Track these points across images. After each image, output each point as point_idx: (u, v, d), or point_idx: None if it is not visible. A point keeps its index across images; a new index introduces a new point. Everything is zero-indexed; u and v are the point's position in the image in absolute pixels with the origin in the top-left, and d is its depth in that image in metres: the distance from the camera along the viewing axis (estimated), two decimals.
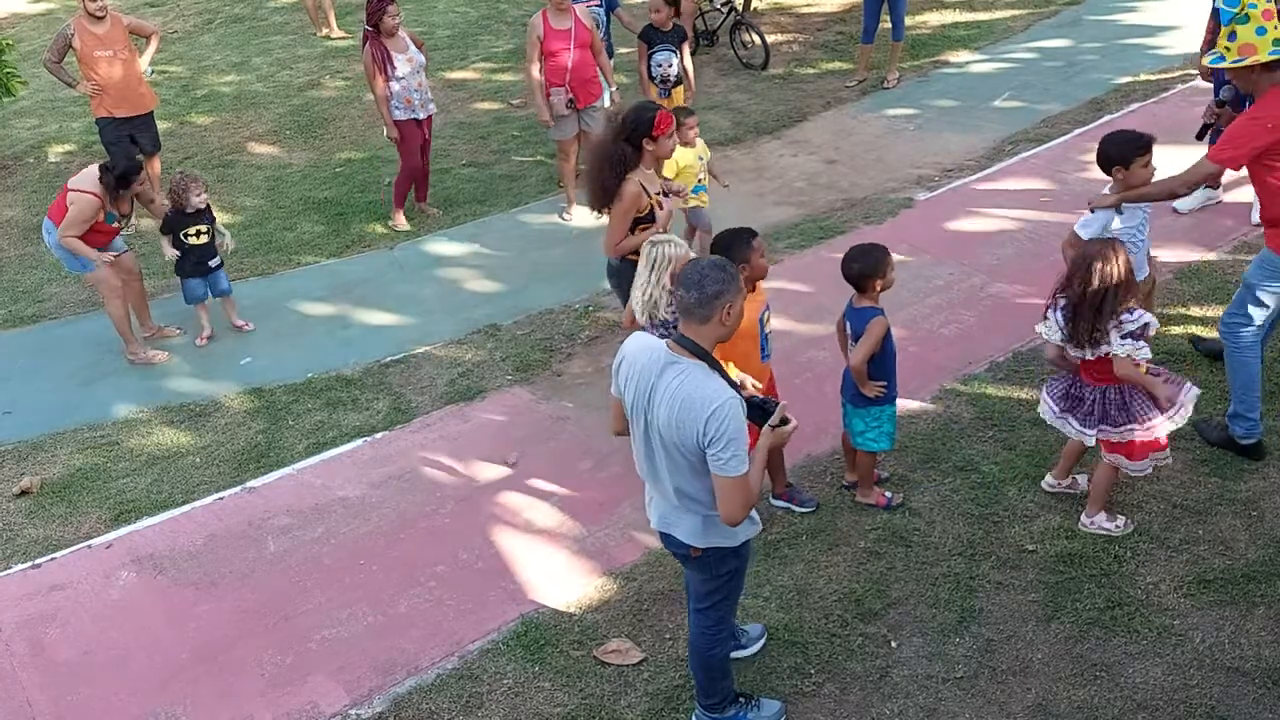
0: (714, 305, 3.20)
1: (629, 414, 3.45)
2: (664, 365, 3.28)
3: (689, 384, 3.21)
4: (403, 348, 6.64)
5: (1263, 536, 4.50)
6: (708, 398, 3.16)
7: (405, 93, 7.70)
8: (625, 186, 5.00)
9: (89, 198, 6.25)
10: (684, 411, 3.19)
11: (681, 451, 3.27)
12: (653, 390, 3.30)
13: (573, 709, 4.13)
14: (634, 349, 3.43)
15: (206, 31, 13.33)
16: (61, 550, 5.24)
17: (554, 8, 7.41)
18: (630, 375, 3.39)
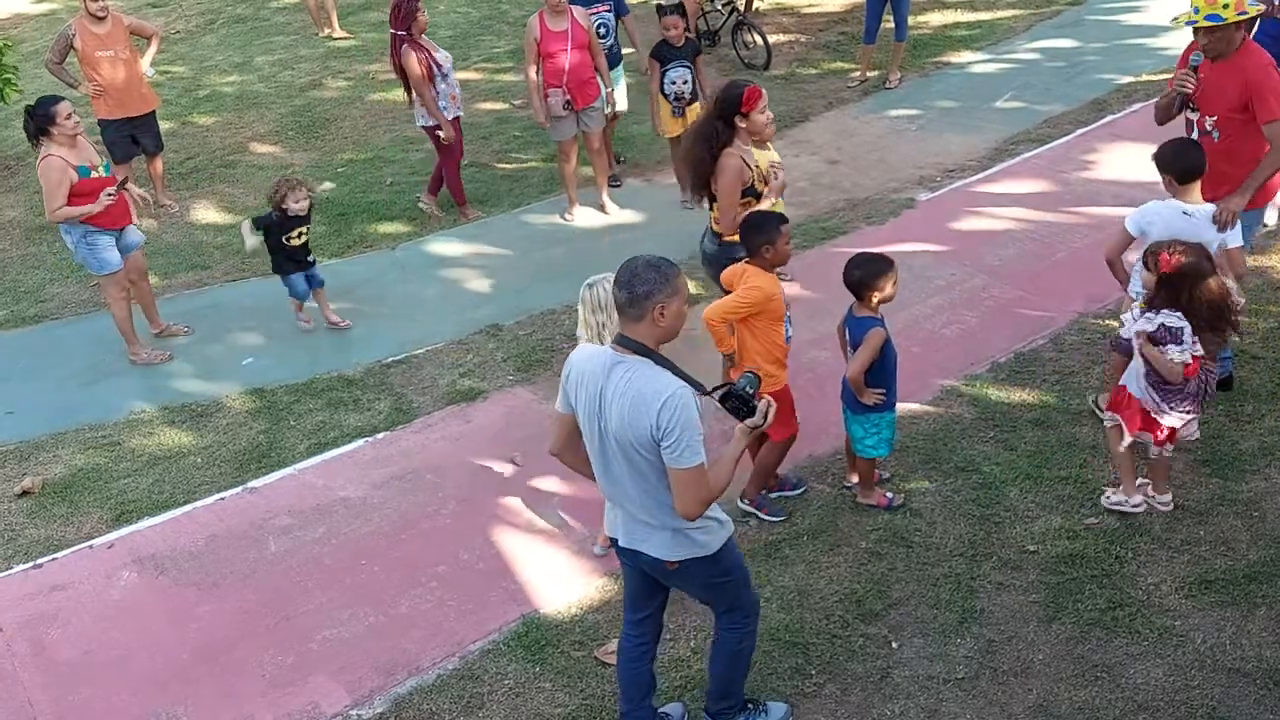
0: (644, 305, 3.16)
1: (584, 425, 3.36)
2: (610, 366, 3.23)
3: (637, 380, 3.17)
4: (404, 348, 6.64)
5: (1264, 537, 4.50)
6: (657, 390, 3.13)
7: (450, 90, 7.75)
8: (725, 161, 5.03)
9: (46, 162, 6.14)
10: (635, 407, 3.15)
11: (639, 450, 3.21)
12: (602, 393, 3.24)
13: (573, 709, 4.13)
14: (580, 358, 3.39)
15: (208, 32, 13.34)
16: (63, 550, 5.24)
17: (550, 9, 7.41)
18: (580, 383, 3.33)
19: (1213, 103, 4.84)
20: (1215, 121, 4.86)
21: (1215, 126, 4.87)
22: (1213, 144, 4.88)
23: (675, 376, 3.19)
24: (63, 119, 6.14)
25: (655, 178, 8.67)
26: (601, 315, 4.40)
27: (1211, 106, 4.85)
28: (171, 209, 8.72)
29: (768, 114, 5.16)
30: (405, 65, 7.60)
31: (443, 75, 7.67)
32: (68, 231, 6.39)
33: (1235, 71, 4.77)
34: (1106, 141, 8.27)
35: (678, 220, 7.92)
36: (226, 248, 8.13)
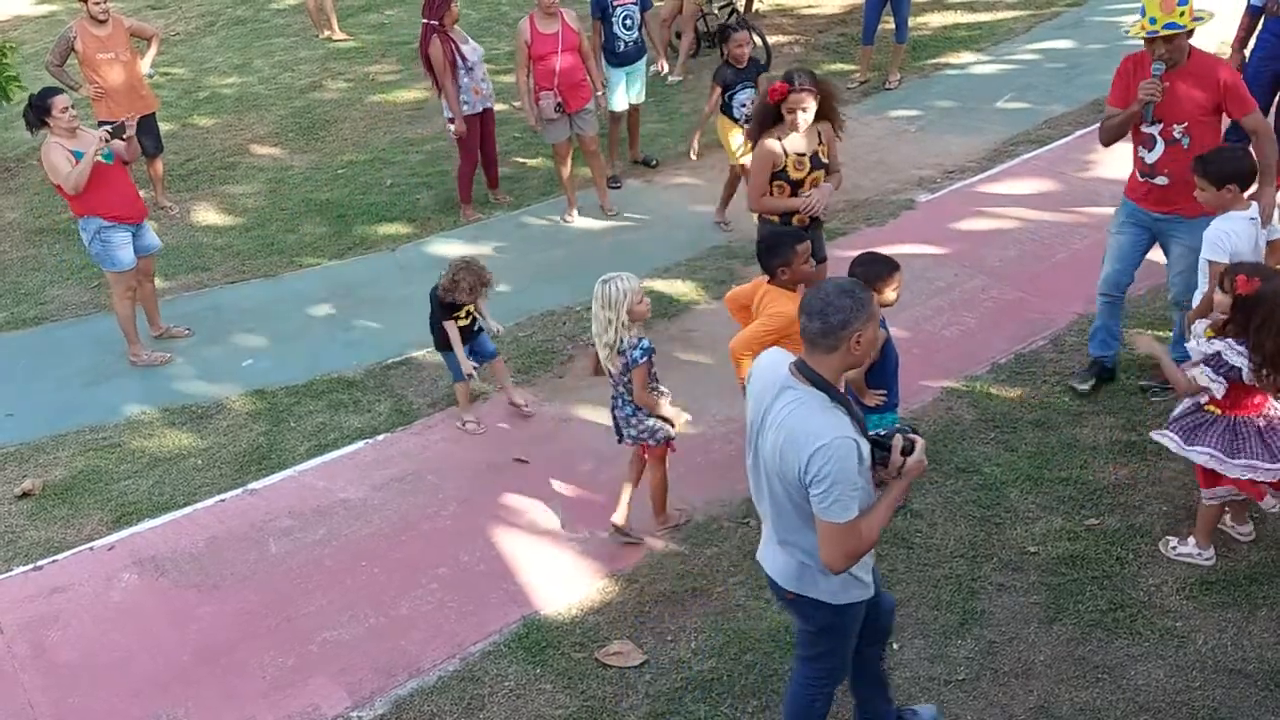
0: (840, 335, 2.94)
1: (747, 433, 3.22)
2: (780, 389, 3.04)
3: (799, 414, 2.97)
4: (404, 349, 6.63)
5: (1265, 538, 4.50)
6: (814, 432, 2.91)
7: (474, 83, 7.74)
8: (762, 142, 5.21)
9: (45, 147, 6.21)
10: (788, 443, 2.97)
11: (783, 483, 3.06)
12: (766, 414, 3.09)
13: (574, 711, 4.13)
14: (762, 366, 3.20)
15: (208, 33, 13.34)
16: (63, 552, 5.24)
17: (541, 12, 7.42)
18: (753, 393, 3.17)
19: (1180, 109, 4.80)
20: (1185, 128, 4.83)
21: (1185, 133, 4.84)
22: (1181, 151, 4.85)
23: (844, 420, 2.96)
24: (58, 111, 6.18)
25: (656, 178, 8.67)
26: (610, 312, 4.50)
27: (1179, 113, 4.81)
28: (171, 211, 8.72)
29: (799, 113, 5.13)
30: (430, 54, 7.63)
31: (467, 68, 7.67)
32: (84, 228, 6.40)
33: (1201, 76, 4.78)
34: None
35: (678, 221, 7.93)
36: (227, 249, 8.13)
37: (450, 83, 7.63)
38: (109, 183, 6.31)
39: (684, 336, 6.50)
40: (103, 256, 6.42)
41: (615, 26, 8.07)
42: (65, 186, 6.26)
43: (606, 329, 4.55)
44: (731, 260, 7.26)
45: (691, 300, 6.82)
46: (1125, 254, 5.28)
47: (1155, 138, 4.92)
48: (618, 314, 4.49)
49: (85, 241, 6.46)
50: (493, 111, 8.09)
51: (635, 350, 4.55)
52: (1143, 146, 5.02)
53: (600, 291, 4.53)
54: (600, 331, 4.58)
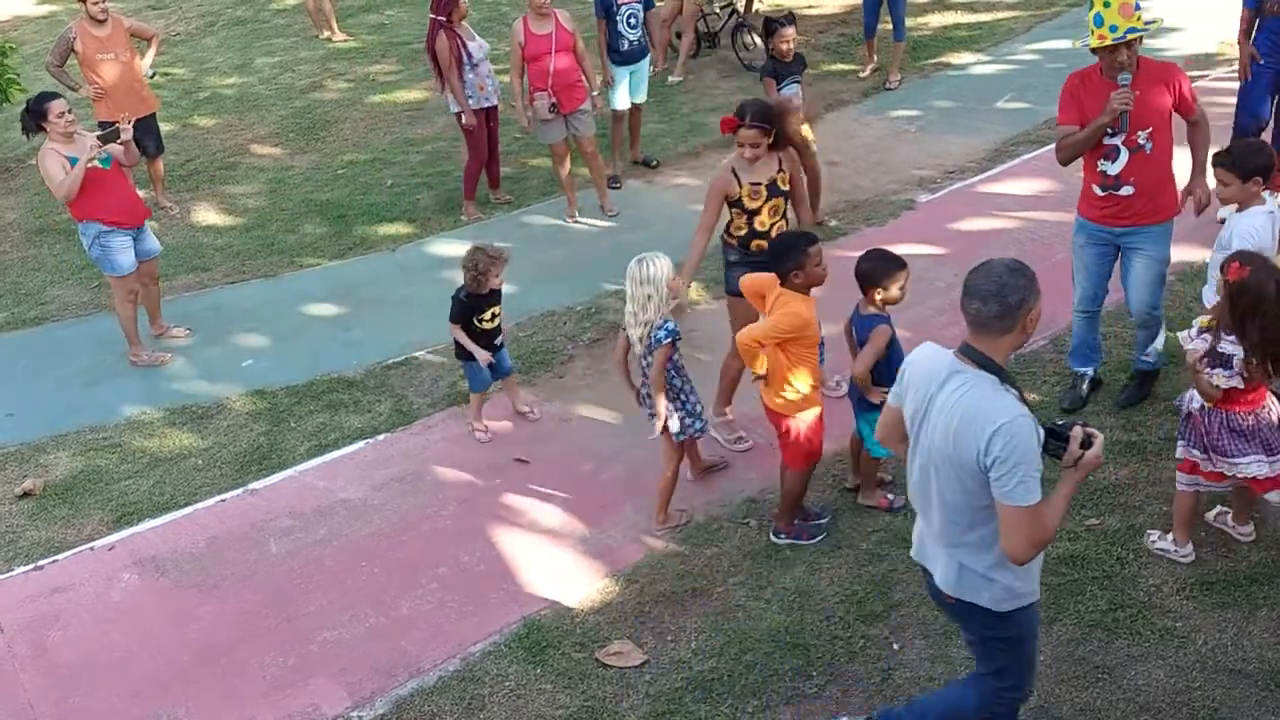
0: (1018, 315, 2.87)
1: (908, 427, 3.16)
2: (947, 375, 2.97)
3: (973, 395, 2.89)
4: (405, 350, 6.64)
5: (1265, 538, 4.50)
6: (993, 413, 2.84)
7: (479, 79, 7.77)
8: (717, 174, 5.20)
9: (41, 153, 6.23)
10: (964, 423, 2.88)
11: (957, 471, 2.94)
12: (930, 402, 3.00)
13: (574, 710, 4.13)
14: (919, 357, 3.13)
15: (209, 34, 13.34)
16: (64, 552, 5.24)
17: (534, 13, 7.43)
18: (912, 384, 3.11)
19: (1145, 115, 4.78)
20: (1150, 133, 4.82)
21: (1149, 139, 4.82)
22: (1146, 158, 4.84)
23: (1018, 402, 2.89)
24: (54, 116, 6.18)
25: (656, 179, 8.67)
26: (649, 288, 4.63)
27: (1144, 119, 4.79)
28: (171, 211, 8.72)
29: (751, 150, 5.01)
30: (436, 49, 7.66)
31: (472, 65, 7.70)
32: (84, 233, 6.40)
33: (1156, 80, 4.79)
34: None
35: (678, 221, 7.92)
36: (227, 249, 8.13)
37: (456, 78, 7.65)
38: (108, 188, 6.31)
39: (684, 336, 6.46)
40: (103, 261, 6.43)
41: (620, 25, 8.08)
42: (56, 195, 6.27)
43: (646, 306, 4.66)
44: None
45: (691, 300, 6.82)
46: (1093, 272, 5.28)
47: (1119, 148, 4.86)
48: (658, 289, 4.62)
49: (85, 246, 6.47)
50: (497, 110, 8.10)
51: (660, 330, 4.65)
52: (1104, 160, 4.92)
53: (637, 270, 4.64)
54: (638, 310, 4.68)
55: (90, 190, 6.20)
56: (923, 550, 3.29)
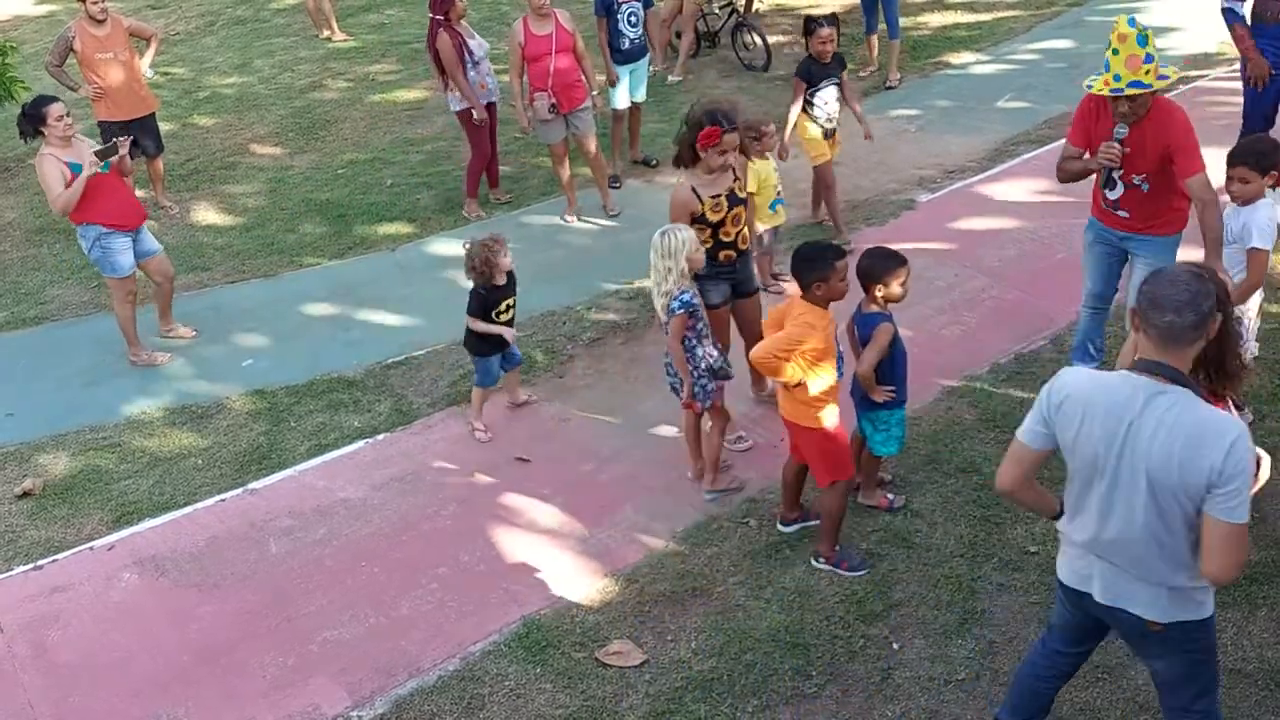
0: (1208, 323, 2.75)
1: (1085, 461, 2.89)
2: (1147, 399, 2.76)
3: (1191, 413, 2.71)
4: (404, 349, 6.64)
5: (1265, 538, 4.50)
6: (1224, 429, 2.68)
7: (480, 78, 7.80)
8: (676, 189, 5.09)
9: (39, 159, 6.23)
10: (1193, 446, 2.69)
11: (1178, 498, 2.75)
12: (1132, 430, 2.77)
13: (574, 710, 4.13)
14: (1087, 386, 2.86)
15: (208, 33, 13.34)
16: (63, 552, 5.24)
17: (534, 13, 7.43)
18: (1088, 418, 2.83)
19: (1139, 164, 4.75)
20: (1145, 178, 4.81)
21: (1145, 181, 4.82)
22: (1141, 194, 4.85)
23: None
24: (53, 120, 6.18)
25: (656, 178, 8.67)
26: (669, 261, 4.73)
27: (1139, 167, 4.77)
28: (171, 210, 8.72)
29: (724, 158, 4.97)
30: (439, 47, 7.68)
31: (473, 62, 7.72)
32: (83, 235, 6.40)
33: (1157, 131, 4.66)
34: None
35: None
36: (226, 249, 8.13)
37: (461, 75, 7.68)
38: (106, 191, 6.31)
39: None
40: (103, 263, 6.44)
41: (620, 24, 8.10)
42: (54, 208, 6.27)
43: (666, 278, 4.76)
44: None
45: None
46: (1101, 269, 5.28)
47: (1116, 181, 4.88)
48: (677, 262, 4.71)
49: (85, 249, 6.47)
50: (495, 107, 8.11)
51: (674, 301, 4.74)
52: (1104, 185, 4.94)
53: (659, 242, 4.73)
54: (659, 281, 4.79)
55: (89, 194, 6.20)
56: (1115, 591, 3.02)
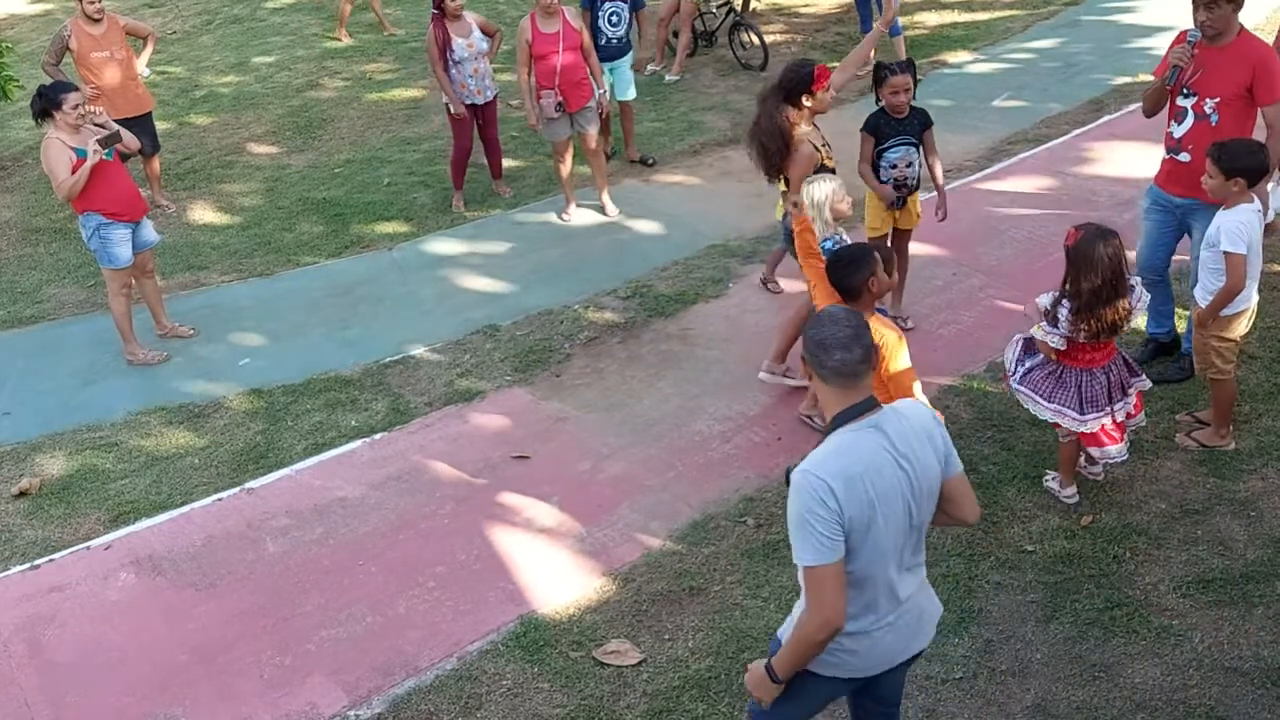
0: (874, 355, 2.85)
1: (868, 536, 2.74)
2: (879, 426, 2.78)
3: (905, 412, 2.87)
4: (401, 348, 6.63)
5: (1261, 537, 4.51)
6: (924, 410, 2.95)
7: (461, 78, 7.80)
8: (799, 149, 5.16)
9: (45, 143, 6.23)
10: (930, 434, 2.85)
11: (938, 483, 2.87)
12: (901, 459, 2.77)
13: (572, 710, 4.13)
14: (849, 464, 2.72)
15: (205, 32, 13.32)
16: (60, 551, 5.23)
17: (542, 11, 7.43)
18: (869, 482, 2.72)
19: (1214, 84, 4.83)
20: (1216, 104, 4.85)
21: (1215, 109, 4.86)
22: (1209, 129, 4.89)
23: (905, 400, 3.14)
24: (68, 107, 6.20)
25: (654, 178, 8.67)
26: (813, 211, 4.84)
27: (1213, 88, 4.84)
28: (168, 210, 8.71)
29: (831, 94, 5.23)
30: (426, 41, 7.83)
31: (454, 61, 7.71)
32: (84, 224, 6.41)
33: (1239, 54, 4.79)
34: (1104, 141, 8.28)
35: (676, 220, 7.93)
36: (223, 248, 8.13)
37: (440, 70, 7.77)
38: (110, 179, 6.31)
39: (682, 335, 6.50)
40: (101, 254, 6.43)
41: (600, 21, 8.20)
42: (58, 193, 6.28)
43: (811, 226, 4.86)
44: (729, 259, 7.26)
45: (689, 299, 6.82)
46: (1153, 238, 5.35)
47: (1187, 110, 4.97)
48: (820, 213, 4.79)
49: (85, 238, 6.47)
50: (493, 105, 8.10)
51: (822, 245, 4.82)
52: (1174, 120, 5.05)
53: (804, 191, 4.80)
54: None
55: (91, 183, 6.21)
56: (922, 625, 3.00)
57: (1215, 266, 4.62)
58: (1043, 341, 4.51)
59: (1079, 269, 4.29)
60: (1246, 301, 4.69)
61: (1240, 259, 4.51)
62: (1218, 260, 4.58)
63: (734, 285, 6.95)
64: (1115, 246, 4.26)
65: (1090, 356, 4.48)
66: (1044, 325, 4.48)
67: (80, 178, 6.15)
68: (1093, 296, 4.27)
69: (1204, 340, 4.77)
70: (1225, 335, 4.72)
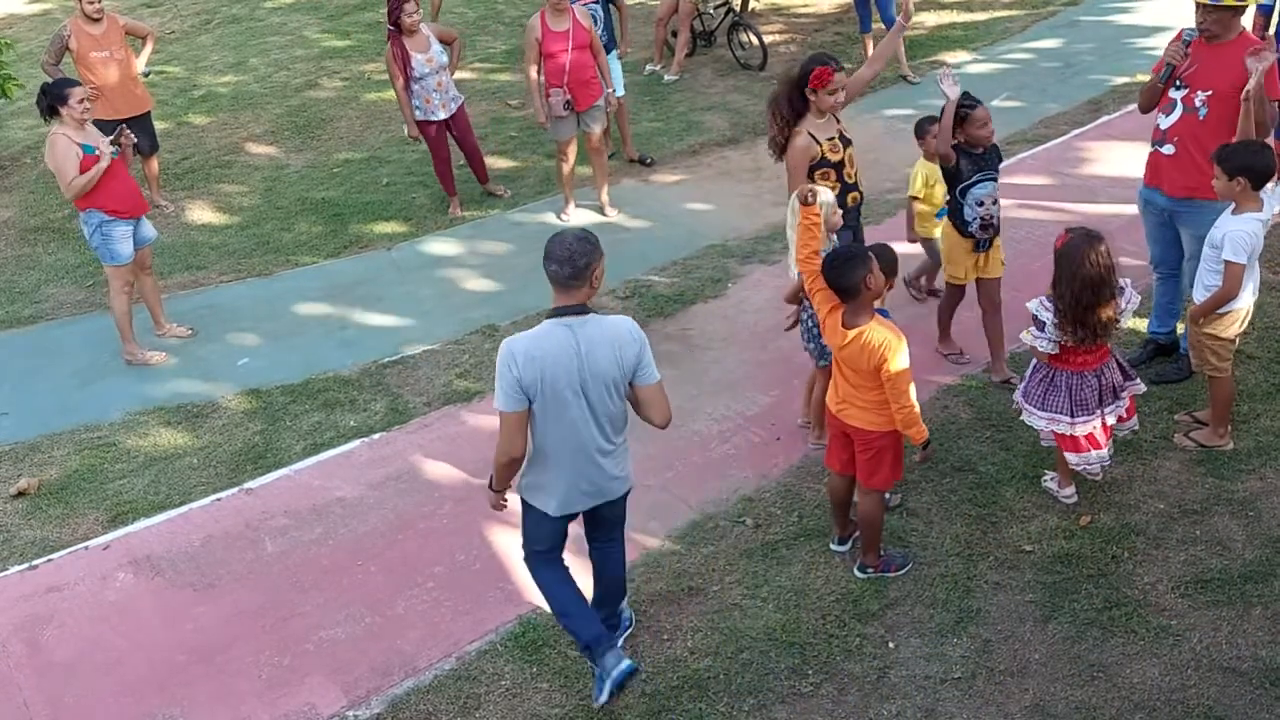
0: (585, 274, 3.60)
1: (545, 405, 3.66)
2: (576, 331, 3.62)
3: (606, 326, 3.64)
4: (400, 348, 6.63)
5: (1259, 537, 4.51)
6: (625, 326, 3.68)
7: (424, 92, 7.76)
8: (794, 139, 5.16)
9: (51, 139, 6.24)
10: (618, 343, 3.63)
11: (620, 387, 3.69)
12: (581, 356, 3.61)
13: (570, 710, 4.13)
14: (529, 346, 3.63)
15: (204, 32, 13.32)
16: (59, 551, 5.23)
17: (551, 9, 7.42)
18: (545, 366, 3.60)
19: (1208, 78, 4.86)
20: (1207, 98, 4.88)
21: (1206, 103, 4.89)
22: (1196, 122, 4.92)
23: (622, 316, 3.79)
24: (75, 102, 6.22)
25: (652, 177, 8.67)
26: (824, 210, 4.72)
27: (1206, 82, 4.87)
28: (167, 209, 8.71)
29: (838, 96, 5.15)
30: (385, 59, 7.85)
31: (415, 78, 7.68)
32: (85, 222, 6.41)
33: (1238, 52, 4.81)
34: (1102, 142, 8.29)
35: (674, 220, 7.94)
36: (222, 248, 8.12)
37: (399, 87, 7.74)
38: (111, 177, 6.32)
39: (680, 335, 6.50)
40: (103, 250, 6.45)
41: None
42: (65, 192, 6.28)
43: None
44: (727, 259, 7.26)
45: (688, 299, 6.82)
46: (1155, 235, 5.42)
47: (1176, 103, 4.99)
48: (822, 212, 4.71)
49: (87, 235, 6.48)
50: (462, 114, 8.06)
51: None
52: (1162, 113, 5.08)
53: (796, 205, 4.74)
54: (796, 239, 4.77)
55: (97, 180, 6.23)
56: (599, 487, 3.91)
57: (1215, 267, 4.63)
58: (1033, 345, 4.52)
59: (1065, 272, 4.31)
60: (1239, 304, 4.69)
61: (1239, 268, 4.53)
62: (1218, 261, 4.59)
63: (733, 285, 6.95)
64: (1102, 250, 4.27)
65: (1082, 359, 4.48)
66: (1033, 330, 4.49)
67: (91, 178, 6.18)
68: (1076, 300, 4.27)
69: (1198, 336, 4.78)
70: (1218, 334, 4.73)
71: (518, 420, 3.67)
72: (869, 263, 4.09)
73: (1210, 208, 4.85)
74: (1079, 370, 4.48)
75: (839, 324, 4.15)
